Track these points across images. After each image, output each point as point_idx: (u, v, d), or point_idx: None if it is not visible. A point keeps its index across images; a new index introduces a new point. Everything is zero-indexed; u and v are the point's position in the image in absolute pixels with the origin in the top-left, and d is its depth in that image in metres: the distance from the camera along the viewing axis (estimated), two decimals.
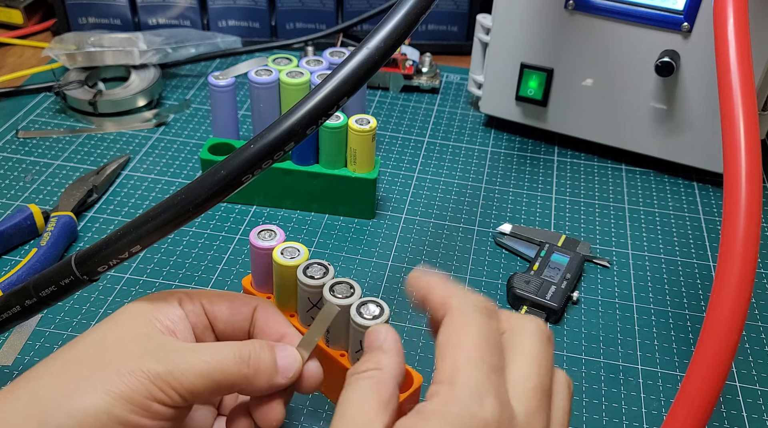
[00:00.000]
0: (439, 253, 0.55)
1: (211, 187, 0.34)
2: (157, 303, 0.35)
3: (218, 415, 0.39)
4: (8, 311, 0.37)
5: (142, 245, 0.35)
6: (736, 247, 0.34)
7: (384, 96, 0.75)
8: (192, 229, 0.56)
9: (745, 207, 0.35)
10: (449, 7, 0.80)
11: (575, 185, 0.64)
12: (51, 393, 0.31)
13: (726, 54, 0.40)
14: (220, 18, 0.80)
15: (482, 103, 0.69)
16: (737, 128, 0.37)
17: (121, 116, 0.68)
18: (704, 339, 0.33)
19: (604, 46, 0.60)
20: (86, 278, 0.36)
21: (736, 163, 0.36)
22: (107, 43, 0.70)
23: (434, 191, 0.62)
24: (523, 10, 0.62)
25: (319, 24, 0.81)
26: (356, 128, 0.53)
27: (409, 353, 0.47)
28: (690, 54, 0.58)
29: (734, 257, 0.34)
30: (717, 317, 0.33)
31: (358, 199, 0.57)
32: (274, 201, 0.59)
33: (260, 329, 0.37)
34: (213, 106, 0.59)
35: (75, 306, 0.49)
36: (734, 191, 0.36)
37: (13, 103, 0.70)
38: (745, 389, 0.46)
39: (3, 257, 0.53)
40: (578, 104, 0.64)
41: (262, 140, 0.34)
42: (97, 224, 0.56)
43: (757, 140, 0.37)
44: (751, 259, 0.34)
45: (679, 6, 0.57)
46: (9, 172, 0.61)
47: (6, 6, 0.83)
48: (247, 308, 0.37)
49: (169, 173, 0.62)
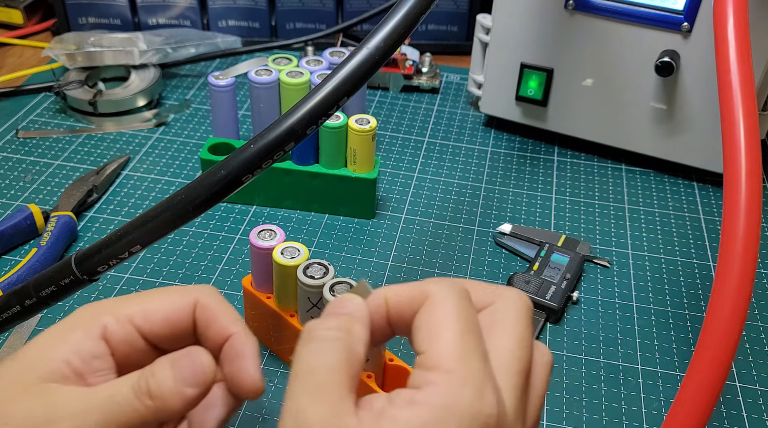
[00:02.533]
0: (439, 253, 0.55)
1: (211, 187, 0.34)
2: (72, 339, 0.31)
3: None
4: (8, 311, 0.37)
5: (142, 245, 0.35)
6: (736, 247, 0.34)
7: (384, 96, 0.75)
8: (192, 229, 0.56)
9: (745, 207, 0.35)
10: (449, 7, 0.80)
11: (575, 185, 0.64)
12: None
13: (726, 54, 0.40)
14: (220, 18, 0.80)
15: (482, 103, 0.69)
16: (737, 128, 0.37)
17: (121, 116, 0.68)
18: (704, 339, 0.33)
19: (604, 46, 0.60)
20: (86, 278, 0.36)
21: (736, 163, 0.36)
22: (107, 43, 0.70)
23: (434, 191, 0.62)
24: (523, 10, 0.62)
25: (319, 24, 0.81)
26: (356, 128, 0.53)
27: (410, 353, 0.47)
28: (690, 54, 0.58)
29: (734, 257, 0.34)
30: (717, 317, 0.33)
31: (358, 199, 0.57)
32: (274, 201, 0.59)
33: (202, 332, 0.32)
34: (213, 106, 0.59)
35: (75, 306, 0.49)
36: (734, 191, 0.36)
37: (13, 104, 0.70)
38: (745, 389, 0.46)
39: (3, 257, 0.53)
40: (578, 104, 0.64)
41: (262, 140, 0.34)
42: (97, 224, 0.56)
43: (757, 140, 0.37)
44: (751, 259, 0.34)
45: (679, 6, 0.57)
46: (9, 172, 0.61)
47: (6, 6, 0.83)
48: (186, 313, 0.32)
49: (169, 173, 0.62)
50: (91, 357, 0.31)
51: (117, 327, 0.32)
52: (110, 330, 0.31)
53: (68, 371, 0.30)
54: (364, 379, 0.39)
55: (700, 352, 0.33)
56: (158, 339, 0.32)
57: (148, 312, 0.32)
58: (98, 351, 0.31)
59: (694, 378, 0.33)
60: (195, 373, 0.30)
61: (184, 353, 0.30)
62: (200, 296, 0.33)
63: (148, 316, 0.32)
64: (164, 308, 0.32)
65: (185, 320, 0.32)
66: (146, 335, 0.32)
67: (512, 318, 0.29)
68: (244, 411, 0.43)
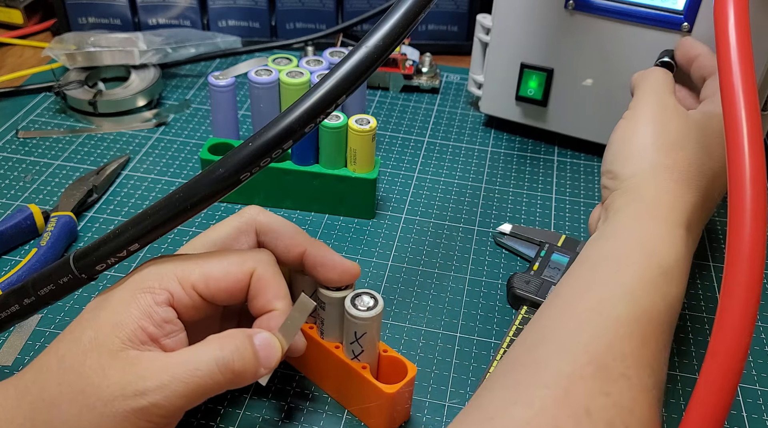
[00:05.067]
0: (439, 253, 0.55)
1: (209, 185, 0.34)
2: (143, 303, 0.34)
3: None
4: (7, 310, 0.37)
5: (141, 243, 0.35)
6: (743, 249, 0.34)
7: (384, 96, 0.75)
8: (192, 229, 0.56)
9: (751, 208, 0.35)
10: (449, 7, 0.80)
11: (575, 185, 0.64)
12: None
13: (727, 54, 0.39)
14: (220, 18, 0.80)
15: (482, 103, 0.69)
16: (740, 127, 0.37)
17: (121, 116, 0.68)
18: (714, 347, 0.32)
19: (604, 46, 0.60)
20: (85, 277, 0.36)
21: (739, 163, 0.36)
22: (107, 43, 0.70)
23: (434, 191, 0.62)
24: (523, 10, 0.62)
25: (319, 24, 0.81)
26: (356, 128, 0.53)
27: (410, 353, 0.47)
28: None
29: (741, 260, 0.34)
30: (727, 323, 0.33)
31: (358, 199, 0.57)
32: (274, 201, 0.58)
33: (250, 298, 0.37)
34: (213, 106, 0.59)
35: (75, 306, 0.49)
36: (739, 192, 0.35)
37: (13, 104, 0.70)
38: (745, 389, 0.46)
39: (3, 257, 0.53)
40: (578, 104, 0.64)
41: (260, 139, 0.34)
42: (97, 224, 0.56)
43: (761, 140, 0.37)
44: (758, 263, 0.34)
45: (679, 6, 0.57)
46: (9, 172, 0.61)
47: (6, 6, 0.83)
48: (243, 284, 0.36)
49: (169, 173, 0.62)
50: (163, 321, 0.34)
51: (182, 294, 0.35)
52: (177, 297, 0.35)
53: (144, 336, 0.34)
54: (358, 369, 0.40)
55: (711, 362, 0.32)
56: (216, 300, 0.36)
57: (210, 279, 0.36)
58: (168, 316, 0.34)
59: (706, 386, 0.32)
60: (271, 358, 0.35)
61: (265, 338, 0.35)
62: (258, 267, 0.37)
63: (210, 284, 0.36)
64: (225, 279, 0.36)
65: (241, 289, 0.36)
66: (206, 298, 0.36)
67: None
68: (245, 412, 0.43)
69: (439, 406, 0.44)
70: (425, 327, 0.49)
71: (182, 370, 0.33)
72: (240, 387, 0.35)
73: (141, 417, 0.32)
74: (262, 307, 0.37)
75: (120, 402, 0.32)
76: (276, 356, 0.35)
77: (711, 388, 0.31)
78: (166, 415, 0.33)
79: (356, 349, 0.40)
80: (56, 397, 0.32)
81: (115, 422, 0.32)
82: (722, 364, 0.31)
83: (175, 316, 0.35)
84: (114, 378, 0.32)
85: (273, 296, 0.37)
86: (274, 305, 0.37)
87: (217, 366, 0.33)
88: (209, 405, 0.43)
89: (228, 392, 0.43)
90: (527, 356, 0.35)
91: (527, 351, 0.35)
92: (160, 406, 0.32)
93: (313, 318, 0.42)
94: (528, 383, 0.33)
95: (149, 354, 0.33)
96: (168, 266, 0.36)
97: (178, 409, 0.33)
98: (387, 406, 0.40)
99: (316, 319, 0.42)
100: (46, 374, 0.33)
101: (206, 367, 0.33)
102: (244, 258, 0.37)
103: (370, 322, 0.38)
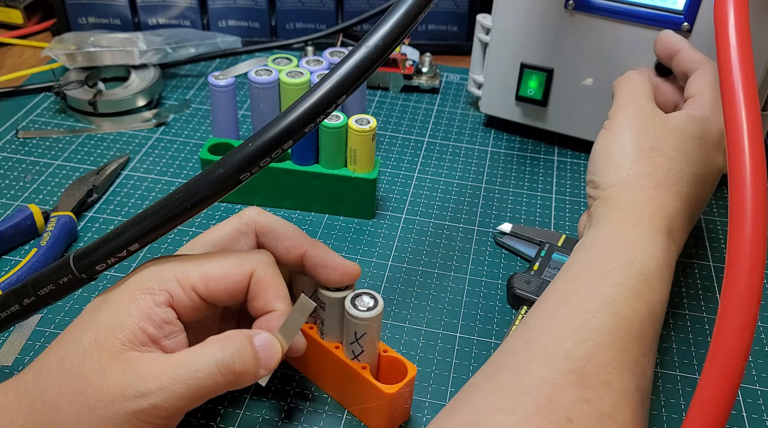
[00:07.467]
0: (439, 253, 0.55)
1: (209, 185, 0.34)
2: (142, 304, 0.34)
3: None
4: (7, 310, 0.37)
5: (141, 243, 0.35)
6: (744, 249, 0.34)
7: (384, 96, 0.75)
8: (192, 229, 0.56)
9: (751, 208, 0.35)
10: (449, 7, 0.80)
11: (575, 185, 0.64)
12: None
13: (727, 54, 0.39)
14: (220, 18, 0.80)
15: (482, 103, 0.69)
16: (740, 128, 0.37)
17: (121, 116, 0.68)
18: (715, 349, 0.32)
19: (604, 46, 0.60)
20: (85, 277, 0.36)
21: (740, 163, 0.36)
22: (107, 43, 0.70)
23: (434, 191, 0.62)
24: (523, 10, 0.62)
25: (319, 24, 0.81)
26: (356, 128, 0.53)
27: (409, 353, 0.47)
28: None
29: (742, 261, 0.33)
30: (728, 324, 0.32)
31: (358, 199, 0.57)
32: (274, 201, 0.58)
33: (250, 299, 0.37)
34: (213, 106, 0.59)
35: (75, 306, 0.49)
36: (740, 191, 0.35)
37: (13, 104, 0.70)
38: (745, 389, 0.46)
39: (3, 257, 0.53)
40: (578, 104, 0.64)
41: (260, 139, 0.34)
42: (97, 224, 0.56)
43: (761, 140, 0.37)
44: (758, 263, 0.34)
45: (679, 6, 0.57)
46: (9, 172, 0.61)
47: (6, 6, 0.83)
48: (243, 285, 0.37)
49: (169, 173, 0.62)
50: (163, 322, 0.34)
51: (182, 295, 0.35)
52: (176, 298, 0.35)
53: (144, 337, 0.34)
54: (358, 369, 0.40)
55: (711, 364, 0.32)
56: (216, 301, 0.36)
57: (209, 280, 0.36)
58: (167, 316, 0.35)
59: (707, 388, 0.32)
60: (271, 359, 0.35)
61: (265, 339, 0.35)
62: (258, 267, 0.37)
63: (209, 284, 0.36)
64: (224, 280, 0.36)
65: (241, 290, 0.37)
66: (206, 299, 0.36)
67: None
68: (245, 412, 0.43)
69: (439, 406, 0.44)
70: (425, 327, 0.49)
71: (182, 371, 0.33)
72: (240, 387, 0.35)
73: (141, 419, 0.32)
74: (262, 308, 0.37)
75: (120, 403, 0.32)
76: (276, 357, 0.35)
77: (712, 389, 0.31)
78: (166, 416, 0.33)
79: (356, 349, 0.40)
80: (56, 399, 0.32)
81: (116, 423, 0.32)
82: (723, 365, 0.31)
83: (174, 317, 0.35)
84: (114, 380, 0.32)
85: (273, 296, 0.37)
86: (273, 305, 0.37)
87: (217, 368, 0.33)
88: (209, 406, 0.43)
89: (228, 392, 0.43)
90: (510, 360, 0.35)
91: (510, 356, 0.35)
92: (160, 408, 0.32)
93: (313, 319, 0.42)
94: (511, 388, 0.33)
95: (149, 356, 0.33)
96: (168, 267, 0.36)
97: (179, 410, 0.33)
98: (387, 406, 0.40)
99: (316, 319, 0.42)
100: (46, 375, 0.33)
101: (206, 368, 0.33)
102: (243, 259, 0.37)
103: (370, 322, 0.38)
